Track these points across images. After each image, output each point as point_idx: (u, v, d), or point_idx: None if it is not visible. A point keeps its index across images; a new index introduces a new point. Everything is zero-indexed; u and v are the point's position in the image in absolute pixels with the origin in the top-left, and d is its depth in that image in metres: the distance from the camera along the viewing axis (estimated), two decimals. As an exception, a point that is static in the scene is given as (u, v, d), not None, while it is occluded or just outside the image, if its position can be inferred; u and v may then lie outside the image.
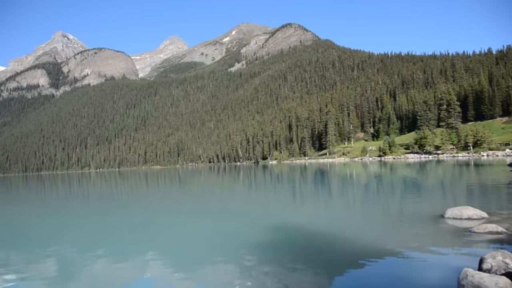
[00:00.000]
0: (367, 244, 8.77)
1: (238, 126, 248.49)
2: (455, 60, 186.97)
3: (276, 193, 27.03)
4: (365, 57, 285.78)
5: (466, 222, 10.19)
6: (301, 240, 10.04)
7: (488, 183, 23.29)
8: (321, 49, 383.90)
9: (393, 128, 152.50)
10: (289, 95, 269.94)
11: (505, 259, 5.55)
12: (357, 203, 18.91)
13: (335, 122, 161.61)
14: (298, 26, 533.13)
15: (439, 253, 7.79)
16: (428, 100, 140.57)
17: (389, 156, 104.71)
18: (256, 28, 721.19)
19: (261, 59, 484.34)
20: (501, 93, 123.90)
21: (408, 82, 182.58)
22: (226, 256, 8.81)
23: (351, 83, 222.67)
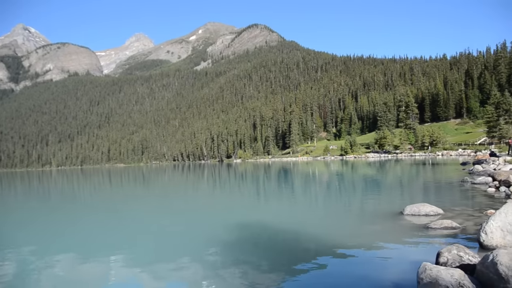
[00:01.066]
0: (330, 242, 8.83)
1: (203, 125, 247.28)
2: (413, 64, 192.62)
3: (241, 191, 26.95)
4: (328, 59, 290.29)
5: (424, 218, 10.44)
6: (264, 238, 10.01)
7: (443, 181, 23.98)
8: (286, 50, 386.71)
9: (354, 128, 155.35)
10: (254, 95, 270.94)
11: (459, 252, 5.75)
12: (319, 201, 19.06)
13: (298, 122, 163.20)
14: (264, 27, 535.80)
15: (399, 249, 7.94)
16: (388, 102, 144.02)
17: (351, 155, 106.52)
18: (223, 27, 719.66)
19: (227, 59, 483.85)
20: (455, 97, 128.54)
21: (369, 84, 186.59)
22: (191, 255, 8.68)
23: (315, 84, 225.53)
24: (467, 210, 11.37)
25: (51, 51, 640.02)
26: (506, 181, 15.85)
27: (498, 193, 14.86)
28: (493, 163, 28.52)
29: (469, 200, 14.08)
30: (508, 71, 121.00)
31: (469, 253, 5.78)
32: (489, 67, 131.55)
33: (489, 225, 6.59)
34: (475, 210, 11.27)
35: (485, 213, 10.38)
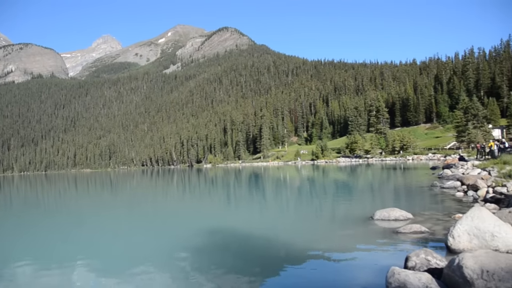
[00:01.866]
0: (300, 247, 8.82)
1: (172, 129, 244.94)
2: (384, 69, 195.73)
3: (211, 197, 26.80)
4: (299, 63, 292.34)
5: (394, 223, 10.54)
6: (236, 243, 9.93)
7: (413, 185, 24.39)
8: (256, 54, 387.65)
9: (325, 133, 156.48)
10: (225, 99, 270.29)
11: (427, 256, 5.81)
12: (290, 206, 19.10)
13: (269, 126, 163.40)
14: (235, 30, 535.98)
15: (368, 253, 7.98)
16: (358, 106, 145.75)
17: (322, 160, 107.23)
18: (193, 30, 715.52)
19: (196, 62, 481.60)
20: (425, 101, 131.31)
21: (340, 89, 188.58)
22: (160, 262, 8.53)
23: (286, 88, 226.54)
24: (436, 215, 11.54)
25: (13, 51, 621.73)
26: (473, 185, 16.16)
27: (466, 197, 15.15)
28: (462, 167, 29.10)
29: (438, 205, 14.31)
30: (476, 77, 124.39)
31: (436, 257, 5.85)
32: (458, 72, 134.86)
33: (456, 229, 6.68)
34: (443, 215, 11.44)
35: (453, 217, 10.54)
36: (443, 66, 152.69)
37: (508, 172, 17.63)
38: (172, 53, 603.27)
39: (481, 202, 13.02)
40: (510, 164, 19.64)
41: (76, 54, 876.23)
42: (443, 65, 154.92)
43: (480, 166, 26.11)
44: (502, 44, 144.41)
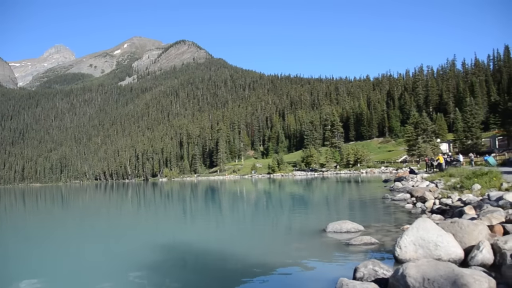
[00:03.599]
0: (255, 260, 8.84)
1: (127, 142, 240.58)
2: (339, 84, 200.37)
3: (166, 212, 26.41)
4: (256, 77, 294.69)
5: (345, 235, 10.73)
6: (192, 259, 9.83)
7: (366, 198, 24.93)
8: (214, 68, 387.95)
9: (281, 147, 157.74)
10: (181, 112, 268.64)
11: (375, 267, 5.97)
12: (247, 219, 19.11)
13: (226, 140, 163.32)
14: (192, 43, 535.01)
15: (319, 265, 8.10)
16: (314, 121, 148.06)
17: (278, 173, 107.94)
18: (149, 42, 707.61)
19: (153, 74, 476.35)
20: (378, 116, 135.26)
21: (296, 103, 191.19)
22: (113, 281, 8.33)
23: (243, 102, 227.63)
24: (386, 226, 11.83)
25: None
26: (422, 197, 16.71)
27: (415, 208, 15.59)
28: (412, 180, 30.03)
29: (388, 216, 14.68)
30: (425, 93, 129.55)
31: (383, 267, 6.01)
32: (408, 88, 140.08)
33: (403, 240, 6.89)
34: (393, 226, 11.75)
35: (401, 229, 10.85)
36: (395, 82, 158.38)
37: (453, 184, 18.37)
38: (128, 65, 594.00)
39: (428, 213, 13.46)
40: (455, 177, 20.47)
41: (26, 63, 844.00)
42: (395, 81, 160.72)
43: (428, 178, 27.08)
44: (448, 63, 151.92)
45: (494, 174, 17.15)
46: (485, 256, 6.01)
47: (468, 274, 4.60)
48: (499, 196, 11.39)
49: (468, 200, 12.72)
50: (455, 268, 4.85)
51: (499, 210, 8.78)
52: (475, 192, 14.52)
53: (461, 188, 16.71)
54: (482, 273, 4.87)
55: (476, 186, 15.38)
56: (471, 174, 18.30)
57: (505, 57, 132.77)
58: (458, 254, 6.45)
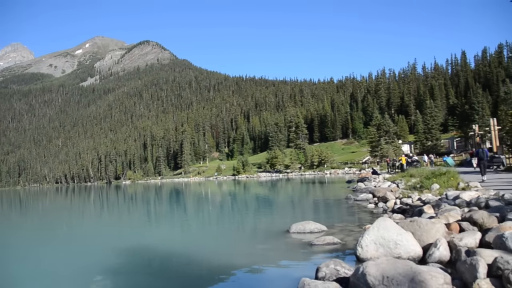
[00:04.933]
0: (219, 262, 8.80)
1: (89, 144, 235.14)
2: (303, 86, 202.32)
3: (130, 215, 25.97)
4: (221, 79, 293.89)
5: (309, 235, 10.81)
6: (156, 262, 9.68)
7: (329, 198, 25.24)
8: (178, 69, 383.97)
9: (246, 148, 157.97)
10: (145, 114, 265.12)
11: (336, 266, 6.04)
12: (211, 221, 19.02)
13: (190, 142, 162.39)
14: (156, 44, 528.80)
15: (282, 266, 8.13)
16: (279, 122, 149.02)
17: (243, 175, 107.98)
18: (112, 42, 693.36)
19: (116, 75, 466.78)
20: (341, 118, 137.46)
21: (261, 105, 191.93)
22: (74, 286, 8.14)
23: (207, 104, 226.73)
24: (348, 226, 12.00)
25: None
26: (383, 197, 17.06)
27: (377, 208, 15.88)
28: (374, 180, 30.62)
29: (351, 216, 14.89)
30: (387, 96, 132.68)
31: (345, 266, 6.09)
32: (371, 91, 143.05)
33: (364, 239, 7.00)
34: (355, 226, 11.94)
35: (363, 228, 11.03)
36: (358, 85, 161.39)
37: (413, 184, 18.84)
38: (90, 65, 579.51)
39: (389, 212, 13.73)
40: (416, 177, 20.99)
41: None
42: (358, 84, 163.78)
43: (390, 179, 27.68)
44: (409, 66, 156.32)
45: (451, 174, 17.69)
46: (442, 253, 6.18)
47: (425, 271, 4.73)
48: (456, 195, 11.77)
49: (427, 199, 13.06)
50: (413, 265, 4.97)
51: (456, 208, 9.06)
52: (434, 192, 14.92)
53: (421, 188, 17.15)
54: (438, 269, 5.01)
55: (435, 186, 15.82)
56: (430, 175, 18.82)
57: (462, 62, 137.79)
58: (417, 252, 6.61)
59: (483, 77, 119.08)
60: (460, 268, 4.94)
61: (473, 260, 4.75)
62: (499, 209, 8.11)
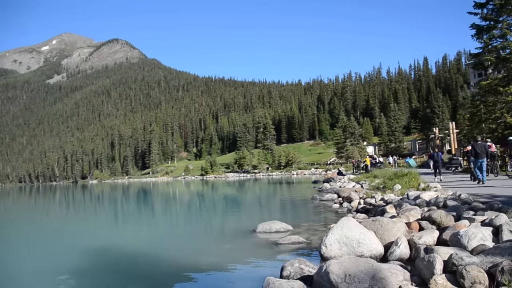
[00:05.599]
0: (185, 262, 8.77)
1: (55, 143, 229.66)
2: (272, 88, 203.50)
3: (97, 215, 25.53)
4: (190, 79, 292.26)
5: (275, 235, 10.89)
6: (122, 262, 9.55)
7: (295, 198, 25.47)
8: (147, 68, 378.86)
9: (215, 148, 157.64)
10: (113, 112, 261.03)
11: (301, 265, 6.15)
12: (179, 221, 18.93)
13: (159, 141, 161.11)
14: (125, 42, 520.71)
15: (248, 265, 8.18)
16: (247, 123, 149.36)
17: (211, 175, 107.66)
18: (80, 39, 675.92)
19: (84, 73, 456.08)
20: (308, 120, 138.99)
21: (230, 105, 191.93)
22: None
23: (176, 104, 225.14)
24: (314, 226, 12.16)
25: None
26: (348, 197, 17.35)
27: (341, 208, 16.12)
28: (339, 181, 31.06)
29: (316, 216, 15.09)
30: (353, 98, 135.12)
31: (309, 265, 6.20)
32: (338, 93, 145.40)
33: (328, 238, 7.15)
34: (320, 225, 12.11)
35: (328, 227, 11.20)
36: (325, 87, 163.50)
37: (377, 185, 19.26)
38: (56, 62, 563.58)
39: (353, 212, 14.00)
40: (379, 178, 21.45)
41: None
42: (325, 86, 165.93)
43: (354, 180, 28.17)
44: (374, 70, 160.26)
45: (413, 175, 18.19)
46: (402, 251, 6.38)
47: (385, 269, 4.88)
48: (417, 195, 12.12)
49: (389, 199, 13.38)
50: (374, 263, 5.12)
51: (416, 208, 9.35)
52: (396, 192, 15.30)
53: (384, 188, 17.55)
54: (398, 266, 5.18)
55: (397, 186, 16.22)
56: (393, 175, 19.27)
57: (424, 68, 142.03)
58: (379, 250, 6.80)
59: (443, 83, 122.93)
60: (419, 265, 5.12)
61: (430, 257, 4.93)
62: (455, 208, 8.44)
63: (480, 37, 27.72)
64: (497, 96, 26.58)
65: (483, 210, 7.68)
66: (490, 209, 7.71)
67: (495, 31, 26.76)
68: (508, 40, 26.54)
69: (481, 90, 28.99)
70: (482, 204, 8.51)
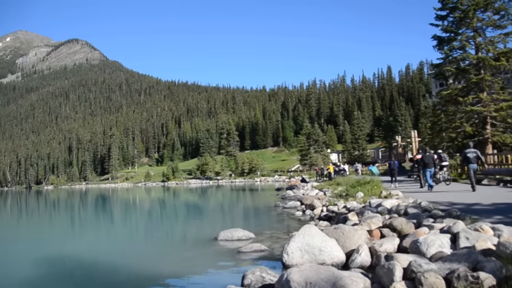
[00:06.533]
0: (146, 271, 8.59)
1: (7, 146, 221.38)
2: (236, 94, 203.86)
3: (52, 222, 24.72)
4: (153, 82, 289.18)
5: (236, 242, 10.82)
6: (80, 272, 9.23)
7: (258, 206, 25.45)
8: (108, 70, 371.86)
9: (177, 154, 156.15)
10: (71, 115, 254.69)
11: (262, 273, 6.12)
12: (139, 229, 18.59)
13: (119, 146, 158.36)
14: (86, 43, 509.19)
15: (209, 274, 8.07)
16: (210, 129, 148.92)
17: (173, 181, 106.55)
18: (37, 38, 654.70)
19: (40, 73, 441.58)
20: (272, 126, 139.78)
21: (193, 110, 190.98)
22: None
23: (138, 108, 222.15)
24: (276, 233, 12.14)
25: None
26: (311, 205, 17.42)
27: (304, 216, 16.18)
28: (303, 188, 31.23)
29: (279, 224, 15.09)
30: (318, 106, 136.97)
31: (270, 273, 6.17)
32: (302, 100, 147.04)
33: (290, 246, 7.12)
34: (283, 233, 12.09)
35: (290, 235, 11.20)
36: (289, 94, 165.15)
37: (339, 192, 19.44)
38: (11, 61, 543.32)
39: (316, 220, 14.05)
40: (342, 185, 21.68)
41: None
42: (289, 93, 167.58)
43: (318, 187, 28.39)
44: (339, 78, 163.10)
45: (375, 183, 18.44)
46: (364, 259, 6.42)
47: (346, 276, 4.88)
48: (379, 203, 12.28)
49: (352, 207, 13.51)
50: (335, 271, 5.13)
51: (378, 216, 9.44)
52: (358, 200, 15.47)
53: (346, 196, 17.71)
54: (359, 274, 5.20)
55: (360, 194, 16.40)
56: (355, 183, 19.50)
57: (388, 76, 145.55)
58: (340, 258, 6.82)
59: (406, 92, 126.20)
60: (379, 272, 5.15)
61: (390, 265, 4.97)
62: (416, 216, 8.59)
63: (441, 48, 28.59)
64: (457, 106, 27.41)
65: (442, 218, 7.84)
66: (448, 217, 7.88)
67: (455, 43, 27.67)
68: (467, 52, 27.49)
69: (442, 99, 29.81)
70: (442, 212, 8.69)
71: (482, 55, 26.80)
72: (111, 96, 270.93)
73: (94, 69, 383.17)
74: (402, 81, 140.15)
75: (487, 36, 27.46)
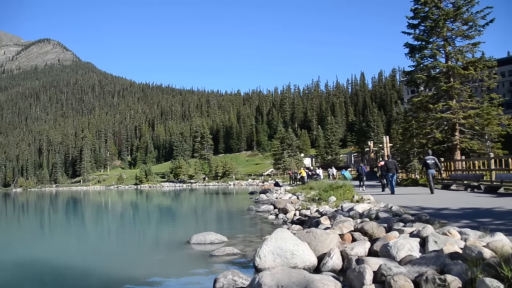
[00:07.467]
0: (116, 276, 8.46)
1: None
2: (210, 97, 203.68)
3: (20, 225, 24.15)
4: (126, 84, 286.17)
5: (209, 246, 10.78)
6: (49, 277, 9.01)
7: (231, 209, 25.49)
8: (81, 71, 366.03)
9: (150, 157, 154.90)
10: (42, 117, 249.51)
11: (234, 277, 6.13)
12: (110, 233, 18.33)
13: (91, 149, 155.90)
14: (58, 43, 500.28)
15: (181, 277, 8.02)
16: (184, 132, 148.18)
17: (146, 184, 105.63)
18: (6, 37, 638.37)
19: (9, 73, 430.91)
20: (247, 130, 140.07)
21: (167, 113, 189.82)
22: None
23: (111, 110, 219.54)
24: (249, 237, 12.14)
25: None
26: (283, 209, 17.49)
27: (277, 220, 16.22)
28: (276, 192, 31.32)
29: (252, 227, 15.10)
30: (292, 110, 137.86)
31: (243, 277, 6.18)
32: (276, 105, 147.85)
33: (262, 250, 7.13)
34: (256, 237, 12.10)
35: (263, 239, 11.22)
36: (264, 98, 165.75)
37: (312, 197, 19.58)
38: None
39: (289, 223, 14.08)
40: (315, 189, 21.84)
41: None
42: (264, 97, 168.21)
43: (291, 191, 28.55)
44: (313, 83, 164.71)
45: (347, 187, 18.65)
46: (335, 262, 6.48)
47: (317, 279, 4.93)
48: (351, 207, 12.41)
49: (324, 211, 13.60)
50: (306, 274, 5.17)
51: (350, 220, 9.55)
52: (331, 204, 15.59)
53: (319, 200, 17.84)
54: (330, 277, 5.26)
55: (332, 198, 16.52)
56: (328, 187, 19.66)
57: (361, 83, 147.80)
58: (312, 262, 6.87)
59: (379, 98, 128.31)
60: (350, 275, 5.22)
61: (361, 268, 5.04)
62: (387, 220, 8.72)
63: (412, 55, 29.15)
64: (427, 113, 27.95)
65: (412, 222, 7.99)
66: (418, 221, 8.04)
67: (426, 51, 28.22)
68: (438, 60, 28.10)
69: (413, 106, 30.39)
70: (412, 216, 8.84)
71: (451, 63, 27.44)
72: (84, 98, 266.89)
73: (66, 70, 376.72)
74: (375, 87, 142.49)
75: (457, 45, 28.14)
